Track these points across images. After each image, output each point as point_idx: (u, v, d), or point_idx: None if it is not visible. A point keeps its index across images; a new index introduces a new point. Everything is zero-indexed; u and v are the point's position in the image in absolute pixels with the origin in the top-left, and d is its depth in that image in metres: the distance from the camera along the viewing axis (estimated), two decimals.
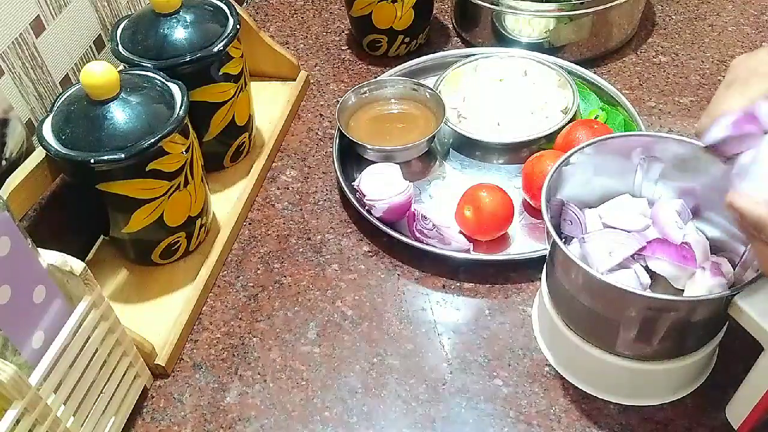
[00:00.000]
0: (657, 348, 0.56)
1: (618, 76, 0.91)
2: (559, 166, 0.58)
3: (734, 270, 0.57)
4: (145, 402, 0.64)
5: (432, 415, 0.61)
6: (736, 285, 0.54)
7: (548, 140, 0.79)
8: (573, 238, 0.61)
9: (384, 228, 0.73)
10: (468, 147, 0.82)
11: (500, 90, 0.84)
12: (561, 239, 0.56)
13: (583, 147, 0.60)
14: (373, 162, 0.78)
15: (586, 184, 0.62)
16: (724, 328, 0.58)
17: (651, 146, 0.60)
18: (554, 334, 0.62)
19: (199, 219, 0.72)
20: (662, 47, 0.94)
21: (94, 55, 0.78)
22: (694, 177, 0.59)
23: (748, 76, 0.53)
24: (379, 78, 0.87)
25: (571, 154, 0.59)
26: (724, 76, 0.57)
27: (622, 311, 0.54)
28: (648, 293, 0.54)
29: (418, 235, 0.72)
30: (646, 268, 0.58)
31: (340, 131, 0.81)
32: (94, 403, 0.57)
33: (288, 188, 0.82)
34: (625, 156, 0.61)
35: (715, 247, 0.59)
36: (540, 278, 0.66)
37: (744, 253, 0.57)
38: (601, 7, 0.87)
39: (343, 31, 1.02)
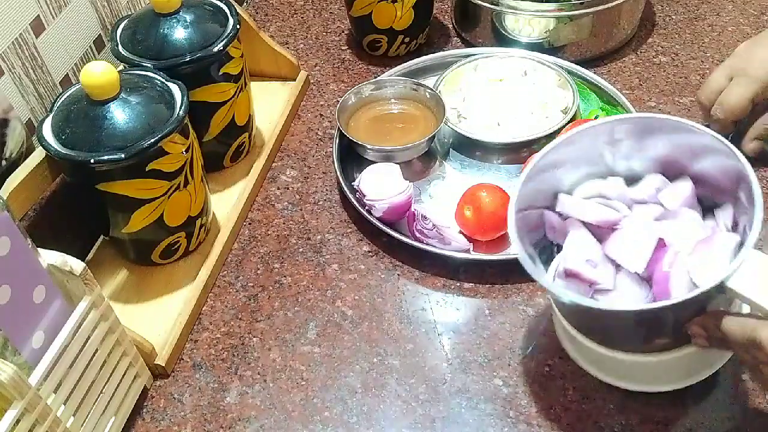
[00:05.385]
0: (668, 342, 0.54)
1: (618, 76, 0.91)
2: (519, 190, 0.58)
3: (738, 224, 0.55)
4: (145, 402, 0.64)
5: (432, 415, 0.61)
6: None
7: (548, 140, 0.79)
8: (559, 245, 0.61)
9: (384, 228, 0.73)
10: (468, 147, 0.82)
11: (500, 90, 0.84)
12: (545, 250, 0.56)
13: (537, 161, 0.59)
14: (373, 162, 0.78)
15: (561, 182, 0.61)
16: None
17: (610, 132, 0.59)
18: (564, 332, 0.61)
19: (199, 219, 0.72)
20: (662, 47, 0.94)
21: (94, 55, 0.78)
22: (662, 142, 0.58)
23: (759, 68, 0.71)
24: (379, 78, 0.87)
25: (526, 176, 0.58)
26: None
27: (615, 323, 0.53)
28: (633, 307, 0.53)
29: (418, 235, 0.72)
30: None
31: (340, 131, 0.81)
32: (94, 403, 0.57)
33: (288, 188, 0.82)
34: (590, 146, 0.60)
35: (712, 205, 0.57)
36: None
37: (738, 201, 0.54)
38: (601, 7, 0.87)
39: (343, 31, 1.02)
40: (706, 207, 0.58)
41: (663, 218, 0.58)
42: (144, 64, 0.69)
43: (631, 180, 0.61)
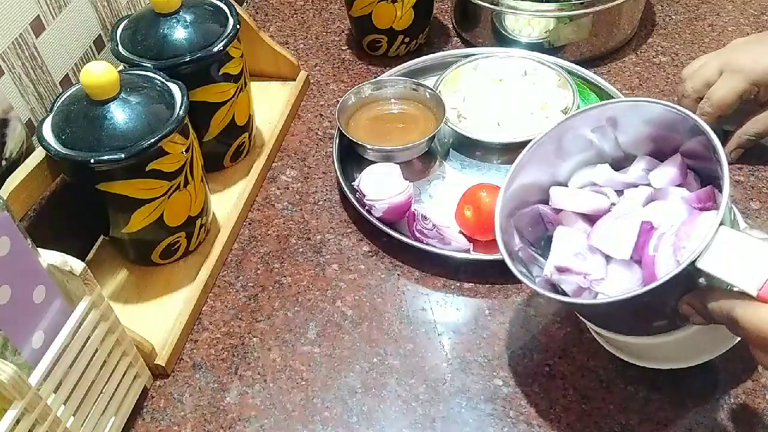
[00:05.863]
0: (669, 323, 0.54)
1: (618, 76, 0.91)
2: (504, 191, 0.58)
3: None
4: (145, 402, 0.64)
5: (432, 415, 0.61)
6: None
7: None
8: None
9: (384, 228, 0.73)
10: (468, 147, 0.82)
11: (500, 90, 0.84)
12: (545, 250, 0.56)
13: (517, 164, 0.59)
14: (373, 162, 0.78)
15: (555, 175, 0.61)
16: None
17: (592, 122, 0.59)
18: None
19: (199, 219, 0.72)
20: (662, 47, 0.94)
21: (94, 55, 0.78)
22: (640, 123, 0.58)
23: (753, 65, 0.71)
24: (379, 78, 0.87)
25: (507, 181, 0.59)
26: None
27: (604, 313, 0.53)
28: (610, 298, 0.52)
29: (418, 235, 0.72)
30: None
31: (340, 131, 0.81)
32: (94, 403, 0.57)
33: (288, 188, 0.82)
34: (573, 137, 0.60)
35: (710, 175, 0.56)
36: None
37: (720, 171, 0.53)
38: (601, 7, 0.87)
39: (343, 31, 1.02)
40: (705, 177, 0.57)
41: (653, 199, 0.58)
42: (144, 64, 0.69)
43: (627, 160, 0.61)
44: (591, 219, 0.60)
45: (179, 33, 0.70)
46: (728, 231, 0.48)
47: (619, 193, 0.60)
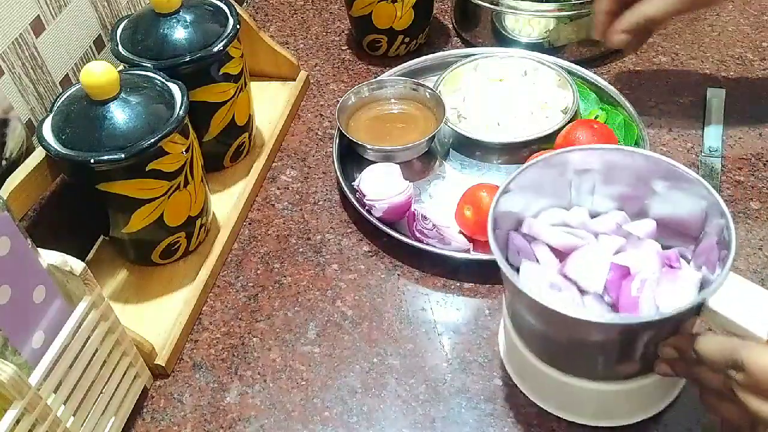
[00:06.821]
0: (624, 368, 0.54)
1: (618, 76, 0.91)
2: (500, 194, 0.57)
3: (689, 263, 0.57)
4: (145, 402, 0.64)
5: (432, 415, 0.61)
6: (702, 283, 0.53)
7: (548, 140, 0.79)
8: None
9: (384, 228, 0.73)
10: (468, 147, 0.82)
11: (500, 90, 0.84)
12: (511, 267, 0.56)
13: (523, 170, 0.58)
14: (373, 162, 0.78)
15: (527, 209, 0.60)
16: None
17: (585, 159, 0.59)
18: (513, 354, 0.60)
19: (199, 219, 0.72)
20: (662, 47, 0.94)
21: (94, 55, 0.78)
22: (629, 180, 0.58)
23: None
24: (379, 78, 0.87)
25: (511, 181, 0.57)
26: (724, 76, 0.60)
27: (587, 339, 0.52)
28: (607, 320, 0.51)
29: (418, 235, 0.72)
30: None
31: (340, 131, 0.81)
32: (94, 403, 0.57)
33: (288, 188, 0.82)
34: (559, 174, 0.60)
35: (668, 241, 0.58)
36: None
37: (699, 241, 0.55)
38: None
39: (343, 31, 1.02)
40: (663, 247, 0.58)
41: (626, 248, 0.58)
42: (144, 64, 0.69)
43: (593, 215, 0.61)
44: (561, 255, 0.58)
45: (179, 33, 0.70)
46: (737, 277, 0.49)
47: (594, 235, 0.60)
